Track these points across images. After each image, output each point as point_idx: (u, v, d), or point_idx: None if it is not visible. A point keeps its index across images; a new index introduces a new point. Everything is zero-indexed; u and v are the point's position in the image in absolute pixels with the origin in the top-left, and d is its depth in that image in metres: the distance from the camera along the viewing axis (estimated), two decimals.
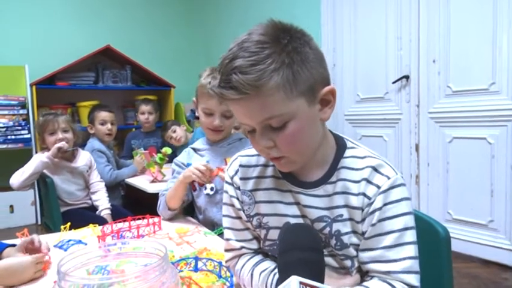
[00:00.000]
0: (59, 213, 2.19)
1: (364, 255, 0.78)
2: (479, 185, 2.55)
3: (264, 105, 0.70)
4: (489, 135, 2.50)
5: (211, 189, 1.51)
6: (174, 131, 3.23)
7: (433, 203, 2.82)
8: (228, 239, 0.91)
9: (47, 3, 4.25)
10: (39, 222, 3.80)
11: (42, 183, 2.32)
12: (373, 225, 0.76)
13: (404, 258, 0.74)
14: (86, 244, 1.22)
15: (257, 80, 0.67)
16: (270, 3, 4.06)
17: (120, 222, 1.34)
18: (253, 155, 0.89)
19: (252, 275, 0.85)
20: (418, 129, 2.89)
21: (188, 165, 1.56)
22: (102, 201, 2.37)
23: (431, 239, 0.90)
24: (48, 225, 2.35)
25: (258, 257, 0.89)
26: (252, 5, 4.36)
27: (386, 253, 0.75)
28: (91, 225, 1.40)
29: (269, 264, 0.85)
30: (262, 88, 0.68)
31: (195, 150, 1.60)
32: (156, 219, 1.37)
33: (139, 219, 1.36)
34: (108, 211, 2.32)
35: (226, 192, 0.90)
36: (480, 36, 2.50)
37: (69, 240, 1.25)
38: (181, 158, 1.63)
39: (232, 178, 0.90)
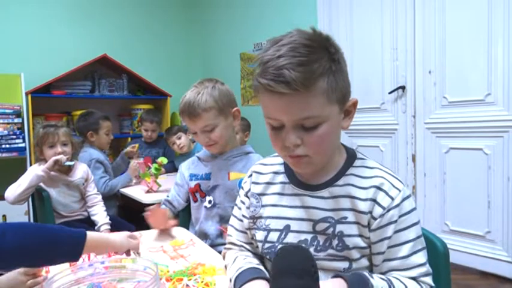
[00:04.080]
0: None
1: (384, 266, 0.81)
2: (476, 196, 2.54)
3: (306, 105, 0.74)
4: (485, 146, 2.50)
5: (209, 202, 1.49)
6: (179, 138, 3.22)
7: (430, 213, 2.81)
8: (230, 235, 1.01)
9: (43, 11, 4.25)
10: None
11: (37, 196, 2.28)
12: (389, 237, 0.80)
13: (421, 264, 0.80)
14: None
15: (308, 79, 0.72)
16: (267, 14, 4.08)
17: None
18: (266, 164, 0.98)
19: (234, 260, 0.93)
20: (415, 139, 2.88)
21: (190, 175, 1.55)
22: (100, 216, 2.31)
23: (429, 253, 0.90)
24: None
25: (248, 254, 0.96)
26: (249, 16, 4.37)
27: (406, 262, 0.80)
28: None
29: (246, 264, 0.89)
30: (311, 88, 0.73)
31: (199, 159, 1.58)
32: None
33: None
34: (107, 226, 2.27)
35: (239, 195, 1.01)
36: (475, 48, 2.51)
37: None
38: (184, 166, 1.61)
39: (245, 183, 0.99)
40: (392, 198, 0.80)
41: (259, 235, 0.91)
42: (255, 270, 0.87)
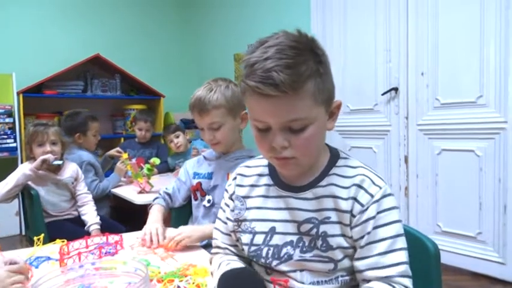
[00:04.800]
0: (43, 226, 2.13)
1: (360, 264, 0.80)
2: (468, 197, 2.56)
3: (293, 107, 0.74)
4: (477, 148, 2.52)
5: (208, 201, 1.50)
6: (177, 136, 3.25)
7: (422, 215, 2.82)
8: (215, 238, 0.99)
9: (35, 10, 4.22)
10: (24, 233, 3.72)
11: (26, 195, 2.26)
12: (368, 233, 0.79)
13: (398, 263, 0.77)
14: (56, 260, 1.16)
15: (296, 82, 0.72)
16: (261, 15, 4.08)
17: (76, 241, 1.25)
18: (250, 167, 0.97)
19: (219, 266, 0.92)
20: (407, 141, 2.90)
21: (194, 173, 1.57)
22: (90, 216, 2.29)
23: (420, 254, 0.90)
24: (32, 237, 2.29)
25: (234, 257, 0.95)
26: (243, 17, 4.37)
27: (382, 259, 0.78)
28: (58, 240, 1.34)
29: (239, 264, 0.89)
30: (299, 90, 0.73)
31: (205, 158, 1.59)
32: (116, 237, 1.29)
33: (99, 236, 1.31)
34: (97, 226, 2.25)
35: (224, 197, 0.99)
36: (468, 50, 2.53)
37: (38, 258, 1.19)
38: (189, 164, 1.62)
39: (229, 185, 0.98)
40: (372, 195, 0.80)
41: (245, 238, 0.91)
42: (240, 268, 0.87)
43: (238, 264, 0.91)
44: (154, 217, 1.48)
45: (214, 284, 0.88)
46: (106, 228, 2.12)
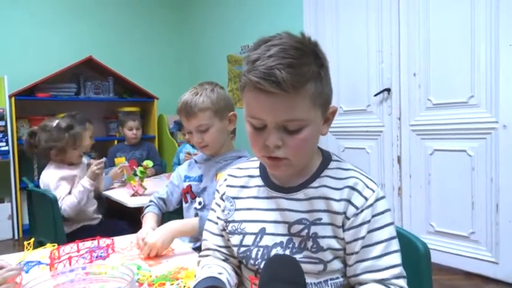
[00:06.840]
0: (62, 231, 2.06)
1: (356, 268, 0.80)
2: (461, 197, 2.58)
3: (293, 107, 0.74)
4: (469, 148, 2.53)
5: (199, 203, 1.50)
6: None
7: (415, 215, 2.84)
8: (205, 239, 0.98)
9: (27, 12, 4.19)
10: (16, 237, 3.70)
11: (40, 198, 2.17)
12: (362, 238, 0.79)
13: (394, 266, 0.79)
14: (46, 265, 1.14)
15: (298, 81, 0.72)
16: (254, 16, 4.09)
17: (67, 245, 1.24)
18: (241, 168, 0.97)
19: (201, 269, 0.90)
20: (400, 141, 2.91)
21: (185, 176, 1.57)
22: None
23: (411, 254, 0.90)
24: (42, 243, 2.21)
25: (217, 262, 0.92)
26: (236, 18, 4.37)
27: (377, 262, 0.79)
28: (49, 244, 1.33)
29: (205, 273, 0.86)
30: (300, 90, 0.73)
31: (196, 162, 1.60)
32: (108, 241, 1.28)
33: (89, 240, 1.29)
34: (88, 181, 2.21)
35: (214, 198, 0.98)
36: (459, 51, 2.55)
37: (28, 262, 1.17)
38: (181, 168, 1.63)
39: (220, 186, 0.97)
40: (366, 198, 0.80)
41: (234, 239, 0.90)
42: (212, 279, 0.84)
43: (218, 268, 0.89)
44: (148, 225, 1.44)
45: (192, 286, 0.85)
46: (109, 228, 2.12)
